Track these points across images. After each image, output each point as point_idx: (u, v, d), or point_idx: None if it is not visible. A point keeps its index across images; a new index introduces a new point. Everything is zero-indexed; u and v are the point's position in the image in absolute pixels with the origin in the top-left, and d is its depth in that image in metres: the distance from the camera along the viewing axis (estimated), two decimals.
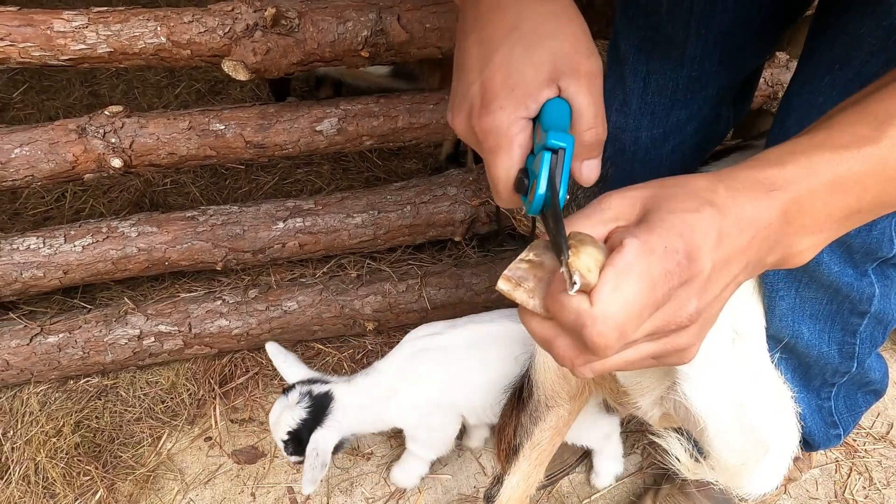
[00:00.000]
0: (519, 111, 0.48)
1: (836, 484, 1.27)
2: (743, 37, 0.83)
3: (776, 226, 0.45)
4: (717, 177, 0.46)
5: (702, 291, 0.43)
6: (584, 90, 0.48)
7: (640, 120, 0.91)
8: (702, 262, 0.42)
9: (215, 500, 1.26)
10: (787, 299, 0.80)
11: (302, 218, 1.37)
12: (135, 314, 1.38)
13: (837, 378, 0.90)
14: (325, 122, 1.27)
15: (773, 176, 0.45)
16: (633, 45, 0.88)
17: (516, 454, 0.96)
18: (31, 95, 2.14)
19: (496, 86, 0.48)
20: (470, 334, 1.17)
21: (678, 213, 0.43)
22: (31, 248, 1.28)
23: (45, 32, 1.01)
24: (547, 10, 0.50)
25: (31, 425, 1.34)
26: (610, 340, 0.40)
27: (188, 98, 2.15)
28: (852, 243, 0.73)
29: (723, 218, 0.43)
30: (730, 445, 0.63)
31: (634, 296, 0.40)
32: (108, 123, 1.18)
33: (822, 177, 0.45)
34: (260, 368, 1.47)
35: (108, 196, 1.81)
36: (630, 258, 0.41)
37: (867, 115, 0.47)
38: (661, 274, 0.41)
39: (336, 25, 1.10)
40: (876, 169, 0.45)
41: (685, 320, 0.43)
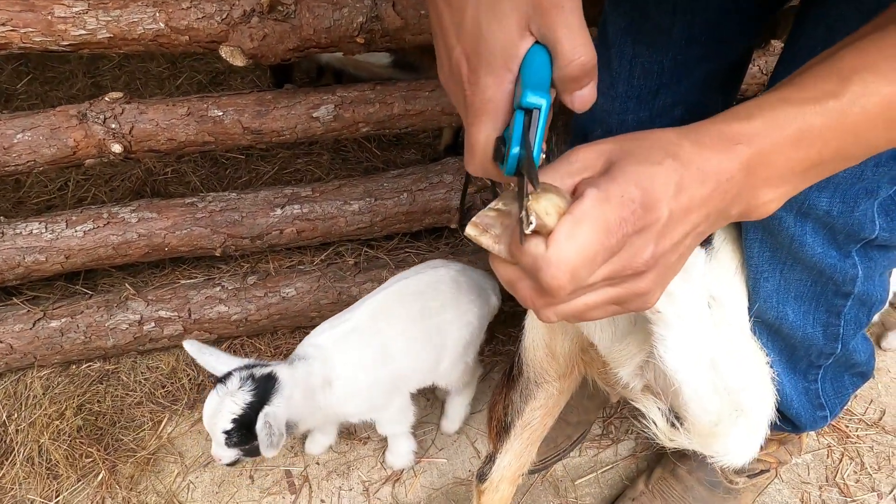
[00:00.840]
0: (503, 75, 0.48)
1: (827, 469, 1.28)
2: (728, 22, 0.84)
3: (739, 178, 0.46)
4: (684, 131, 0.47)
5: (659, 238, 0.44)
6: (555, 25, 0.47)
7: (627, 103, 0.91)
8: (658, 210, 0.43)
9: (214, 482, 1.28)
10: (771, 281, 0.81)
11: (300, 205, 1.39)
12: (135, 300, 1.40)
13: (823, 360, 0.91)
14: (321, 108, 1.28)
15: (738, 130, 0.47)
16: (620, 28, 0.89)
17: (507, 433, 0.98)
18: (35, 86, 2.16)
19: (475, 49, 0.48)
20: (384, 300, 1.15)
21: (639, 165, 0.44)
22: (34, 233, 1.30)
23: (45, 18, 1.03)
24: None
25: (34, 408, 1.36)
26: (562, 282, 0.42)
27: (189, 89, 2.16)
28: (835, 224, 0.74)
29: (684, 169, 0.45)
30: (704, 406, 0.64)
31: (588, 241, 0.42)
32: (108, 109, 1.20)
33: (786, 130, 0.46)
34: (259, 355, 1.49)
35: (110, 185, 1.83)
36: (587, 206, 0.42)
37: (832, 70, 0.48)
38: (615, 221, 0.42)
39: (332, 11, 1.11)
40: (836, 122, 0.46)
41: (641, 265, 0.45)
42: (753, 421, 0.69)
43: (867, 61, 0.47)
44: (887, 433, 1.34)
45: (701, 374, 0.63)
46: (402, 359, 1.15)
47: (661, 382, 0.68)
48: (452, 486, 1.27)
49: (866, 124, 0.47)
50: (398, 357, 1.15)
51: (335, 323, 1.15)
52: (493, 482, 1.02)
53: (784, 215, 0.75)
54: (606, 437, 1.34)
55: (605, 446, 1.33)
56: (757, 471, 1.19)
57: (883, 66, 0.47)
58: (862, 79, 0.46)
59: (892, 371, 1.46)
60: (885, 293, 0.86)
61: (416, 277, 1.20)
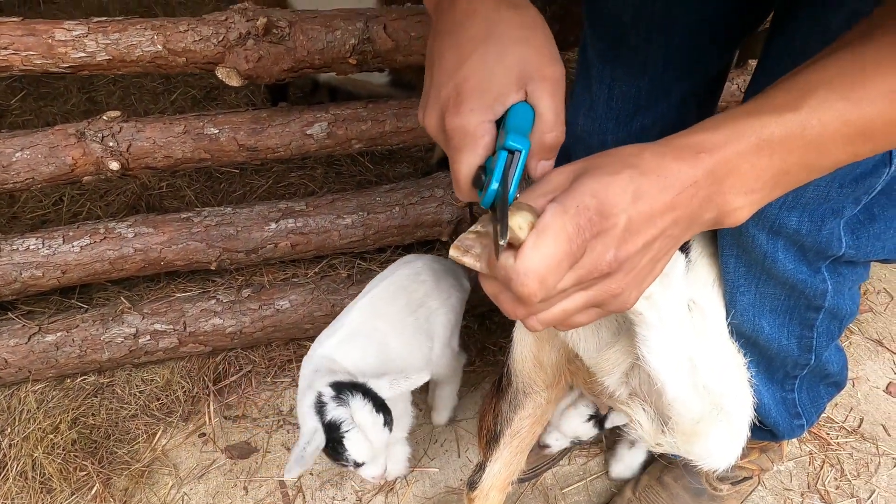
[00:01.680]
0: (487, 114, 0.52)
1: (809, 476, 1.31)
2: (702, 45, 0.87)
3: (704, 184, 0.50)
4: (650, 145, 0.51)
5: (621, 242, 0.48)
6: (547, 94, 0.53)
7: (606, 124, 0.95)
8: (615, 216, 0.47)
9: (209, 494, 1.30)
10: (747, 295, 0.85)
11: (294, 219, 1.42)
12: (131, 313, 1.42)
13: (798, 370, 0.94)
14: (315, 125, 1.31)
15: (702, 140, 0.51)
16: (598, 52, 0.92)
17: (497, 442, 1.00)
18: (29, 102, 2.18)
19: (468, 89, 0.53)
20: (372, 300, 1.17)
21: (596, 177, 0.48)
22: (31, 249, 1.32)
23: (46, 41, 1.06)
24: (517, 21, 0.55)
25: (28, 422, 1.37)
26: (532, 289, 0.46)
27: (184, 104, 2.19)
28: (804, 242, 0.78)
29: (642, 177, 0.48)
30: (685, 405, 0.67)
31: (550, 249, 0.46)
32: (106, 128, 1.23)
33: (748, 140, 0.50)
34: (253, 366, 1.51)
35: (105, 199, 1.85)
36: (547, 218, 0.47)
37: (793, 85, 0.52)
38: (573, 229, 0.46)
39: (325, 34, 1.15)
40: (796, 133, 0.50)
41: (605, 267, 0.48)
42: (734, 422, 0.72)
43: (824, 77, 0.51)
44: (866, 440, 1.37)
45: (682, 374, 0.66)
46: (400, 354, 1.16)
47: (646, 387, 0.71)
48: (444, 495, 1.29)
49: (827, 137, 0.50)
50: (397, 354, 1.16)
51: (331, 331, 1.16)
52: (483, 490, 1.05)
53: (757, 233, 0.79)
54: (596, 445, 1.37)
55: (593, 455, 1.36)
56: (740, 478, 1.22)
57: (837, 83, 0.50)
58: (817, 94, 0.50)
59: (871, 380, 1.50)
60: (855, 306, 0.90)
61: (396, 274, 1.22)
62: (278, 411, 1.44)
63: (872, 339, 1.59)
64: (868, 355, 1.55)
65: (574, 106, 1.01)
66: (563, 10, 1.30)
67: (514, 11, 0.55)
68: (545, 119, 0.53)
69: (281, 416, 1.43)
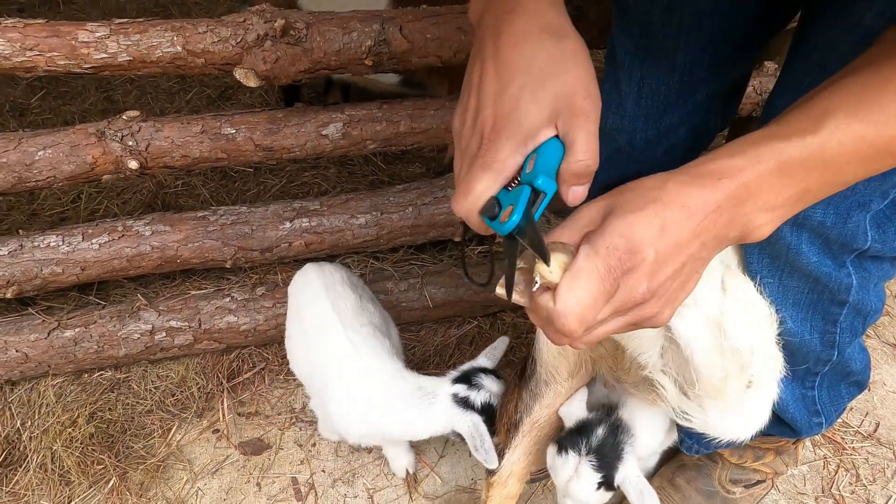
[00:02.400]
0: (520, 148, 0.56)
1: (823, 480, 1.30)
2: (729, 47, 0.88)
3: (727, 207, 0.53)
4: (671, 173, 0.54)
5: (652, 274, 0.52)
6: (578, 128, 0.56)
7: (635, 122, 0.95)
8: (643, 252, 0.51)
9: (222, 489, 1.31)
10: (770, 287, 0.85)
11: (308, 218, 1.43)
12: (147, 310, 1.44)
13: (820, 367, 0.94)
14: (330, 126, 1.33)
15: (722, 166, 0.54)
16: (629, 52, 0.93)
17: (517, 429, 1.01)
18: (48, 101, 2.22)
19: (506, 117, 0.56)
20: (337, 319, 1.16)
21: (622, 216, 0.52)
22: (51, 246, 1.34)
23: (70, 42, 1.08)
24: (557, 53, 0.57)
25: (47, 416, 1.40)
26: (573, 328, 0.52)
27: (199, 104, 2.22)
28: (829, 235, 0.78)
29: (666, 210, 0.52)
30: (712, 367, 0.69)
31: (585, 290, 0.51)
32: (125, 127, 1.25)
33: (768, 164, 0.53)
34: (266, 364, 1.53)
35: (122, 197, 1.88)
36: (581, 261, 0.52)
37: (811, 110, 0.54)
38: (605, 269, 0.51)
39: (341, 35, 1.16)
40: (815, 154, 0.53)
41: (640, 298, 0.53)
42: (762, 381, 0.74)
43: (842, 100, 0.53)
44: (882, 445, 1.36)
45: (709, 340, 0.69)
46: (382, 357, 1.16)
47: (677, 359, 0.73)
48: (454, 493, 1.30)
49: (844, 158, 0.53)
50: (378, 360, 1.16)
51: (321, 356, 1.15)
52: (502, 476, 1.05)
53: (781, 225, 0.79)
54: None
55: None
56: (753, 481, 1.22)
57: (855, 105, 0.53)
58: (835, 118, 0.52)
59: (887, 384, 1.49)
60: (881, 303, 0.89)
61: (317, 290, 1.19)
62: (291, 409, 1.45)
63: (889, 343, 1.57)
64: (885, 359, 1.54)
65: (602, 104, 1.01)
66: (577, 11, 1.30)
67: (555, 41, 0.57)
68: (575, 150, 0.55)
69: (293, 414, 1.44)
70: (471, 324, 1.58)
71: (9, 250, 1.33)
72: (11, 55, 1.07)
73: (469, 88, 0.60)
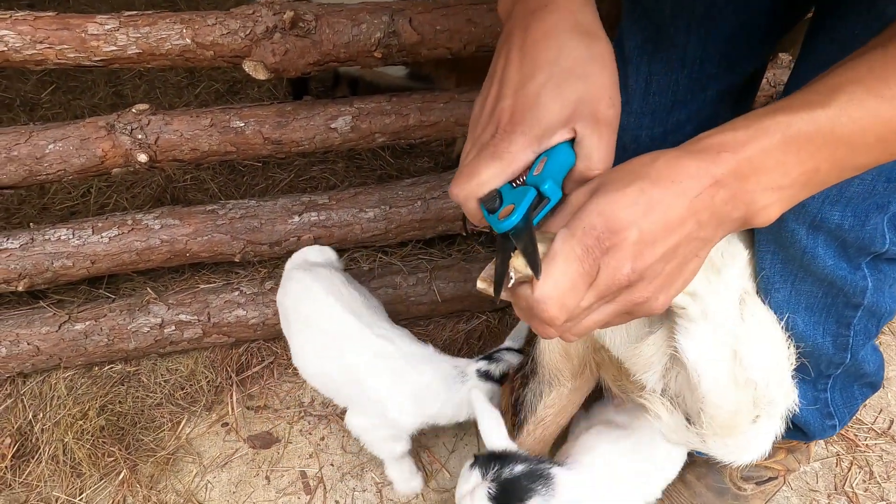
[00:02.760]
0: (534, 145, 0.55)
1: (836, 477, 1.29)
2: (742, 41, 0.86)
3: (727, 182, 0.49)
4: (664, 151, 0.51)
5: (636, 255, 0.49)
6: (597, 136, 0.55)
7: (641, 119, 0.94)
8: (625, 231, 0.48)
9: (231, 482, 1.32)
10: (782, 291, 0.83)
11: (317, 212, 1.43)
12: (157, 303, 1.44)
13: (833, 369, 0.92)
14: (339, 119, 1.32)
15: (724, 139, 0.50)
16: (637, 45, 0.91)
17: (521, 429, 1.00)
18: (58, 95, 2.22)
19: (524, 110, 0.54)
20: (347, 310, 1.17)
21: (604, 194, 0.50)
22: (62, 239, 1.35)
23: (79, 35, 1.08)
24: (586, 54, 0.55)
25: (59, 409, 1.40)
26: (553, 313, 0.49)
27: (207, 98, 2.22)
28: (846, 238, 0.76)
29: (654, 187, 0.49)
30: (722, 398, 0.65)
31: (562, 274, 0.49)
32: (135, 121, 1.25)
33: (774, 137, 0.49)
34: (275, 358, 1.53)
35: (132, 191, 1.89)
36: (557, 245, 0.49)
37: (822, 84, 0.51)
38: (581, 250, 0.49)
39: (350, 27, 1.15)
40: (824, 129, 0.49)
41: (624, 280, 0.49)
42: (773, 416, 0.70)
43: (856, 76, 0.50)
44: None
45: (722, 367, 0.64)
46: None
47: (682, 381, 0.69)
48: None
49: (858, 135, 0.49)
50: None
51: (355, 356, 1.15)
52: None
53: (797, 228, 0.78)
54: None
55: None
56: (765, 478, 1.20)
57: (869, 81, 0.49)
58: (848, 91, 0.49)
59: None
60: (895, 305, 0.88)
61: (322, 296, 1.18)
62: (299, 402, 1.46)
63: None
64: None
65: None
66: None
67: (585, 41, 0.56)
68: (592, 158, 0.54)
69: (302, 408, 1.44)
70: (479, 319, 1.58)
71: (20, 243, 1.34)
72: (22, 48, 1.07)
73: (492, 78, 0.59)
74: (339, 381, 1.19)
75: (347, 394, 1.20)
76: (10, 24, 1.06)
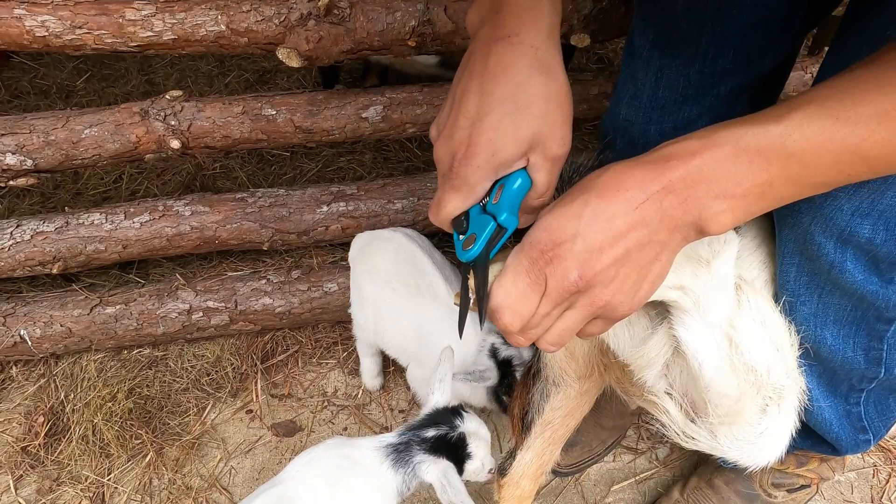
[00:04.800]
0: (490, 175, 0.59)
1: (873, 489, 1.25)
2: (760, 36, 0.83)
3: (675, 188, 0.51)
4: (616, 163, 0.54)
5: (583, 262, 0.52)
6: (545, 171, 0.59)
7: (650, 114, 0.92)
8: (568, 242, 0.52)
9: (255, 469, 1.33)
10: (808, 304, 0.81)
11: (345, 202, 1.43)
12: (185, 290, 1.46)
13: (865, 383, 0.89)
14: (370, 109, 1.31)
15: (675, 149, 0.53)
16: (648, 40, 0.89)
17: (528, 431, 0.99)
18: (93, 83, 2.26)
19: (482, 144, 0.58)
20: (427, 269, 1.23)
21: (551, 210, 0.54)
22: (95, 224, 1.37)
23: (117, 21, 1.09)
24: (542, 91, 0.58)
25: (89, 390, 1.43)
26: (508, 319, 0.54)
27: (237, 86, 2.23)
28: (878, 253, 0.73)
29: (598, 199, 0.52)
30: (723, 385, 0.65)
31: (511, 285, 0.53)
32: (168, 107, 1.26)
33: (724, 148, 0.51)
34: (300, 347, 1.54)
35: (162, 178, 1.91)
36: (509, 259, 0.54)
37: (787, 103, 0.53)
38: (528, 262, 0.53)
39: (385, 15, 1.14)
40: (775, 144, 0.51)
41: (572, 286, 0.52)
42: (782, 405, 0.68)
43: (817, 95, 0.51)
44: None
45: (720, 354, 0.64)
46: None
47: (685, 376, 0.68)
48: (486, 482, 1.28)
49: (810, 152, 0.50)
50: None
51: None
52: (513, 477, 1.03)
53: (824, 241, 0.75)
54: (643, 442, 1.34)
55: (640, 452, 1.33)
56: (797, 486, 1.17)
57: (829, 101, 0.50)
58: (804, 110, 0.50)
59: None
60: None
61: (417, 253, 1.25)
62: (322, 392, 1.46)
63: None
64: None
65: (616, 95, 0.98)
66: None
67: (543, 80, 0.58)
68: (538, 189, 0.60)
69: (325, 398, 1.45)
70: None
71: (55, 227, 1.36)
72: (62, 33, 1.09)
73: (451, 101, 0.61)
74: (410, 336, 1.24)
75: (414, 350, 1.25)
76: (51, 10, 1.07)
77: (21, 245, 1.34)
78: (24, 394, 1.45)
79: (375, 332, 1.30)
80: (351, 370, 1.49)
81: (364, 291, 1.28)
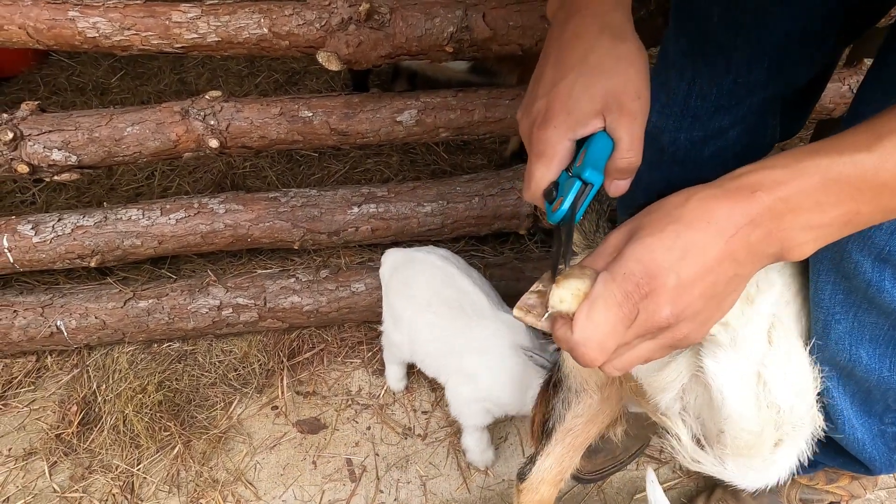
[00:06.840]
0: (568, 134, 0.59)
1: None
2: (794, 48, 0.82)
3: (762, 222, 0.50)
4: (698, 188, 0.53)
5: (675, 298, 0.50)
6: (624, 126, 0.58)
7: (681, 122, 0.92)
8: (663, 276, 0.50)
9: (279, 465, 1.35)
10: (844, 323, 0.80)
11: (375, 204, 1.44)
12: (216, 286, 1.48)
13: None
14: (405, 113, 1.33)
15: (761, 178, 0.51)
16: (682, 49, 0.89)
17: (549, 437, 0.99)
18: (126, 81, 2.31)
19: (557, 107, 0.59)
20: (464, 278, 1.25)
21: (641, 240, 0.52)
22: (132, 219, 1.40)
23: (164, 23, 1.12)
24: (614, 52, 0.59)
25: (120, 381, 1.46)
26: (593, 356, 0.52)
27: (267, 87, 2.27)
28: None
29: (688, 231, 0.50)
30: (744, 421, 0.65)
31: (602, 319, 0.51)
32: (208, 107, 1.28)
33: (812, 178, 0.50)
34: (325, 346, 1.55)
35: (193, 176, 1.94)
36: (598, 288, 0.52)
37: (869, 128, 0.51)
38: (621, 295, 0.50)
39: (424, 21, 1.16)
40: (867, 174, 0.49)
41: (663, 322, 0.51)
42: (796, 440, 0.68)
43: None
44: None
45: (747, 391, 0.64)
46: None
47: (701, 400, 0.68)
48: (508, 487, 1.29)
49: None
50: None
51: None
52: (532, 483, 1.03)
53: (861, 260, 0.74)
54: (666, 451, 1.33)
55: (664, 462, 1.32)
56: (826, 502, 1.16)
57: None
58: (894, 138, 0.48)
59: None
60: None
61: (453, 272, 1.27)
62: (347, 391, 1.48)
63: None
64: None
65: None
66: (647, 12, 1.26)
67: (613, 42, 0.59)
68: (620, 147, 0.59)
69: (350, 396, 1.46)
70: None
71: (94, 221, 1.39)
72: (111, 34, 1.12)
73: (533, 79, 0.63)
74: (456, 354, 1.24)
75: (455, 366, 1.25)
76: (102, 12, 1.11)
77: (62, 238, 1.37)
78: (58, 383, 1.49)
79: (413, 353, 1.31)
80: (375, 370, 1.50)
81: (400, 313, 1.29)
